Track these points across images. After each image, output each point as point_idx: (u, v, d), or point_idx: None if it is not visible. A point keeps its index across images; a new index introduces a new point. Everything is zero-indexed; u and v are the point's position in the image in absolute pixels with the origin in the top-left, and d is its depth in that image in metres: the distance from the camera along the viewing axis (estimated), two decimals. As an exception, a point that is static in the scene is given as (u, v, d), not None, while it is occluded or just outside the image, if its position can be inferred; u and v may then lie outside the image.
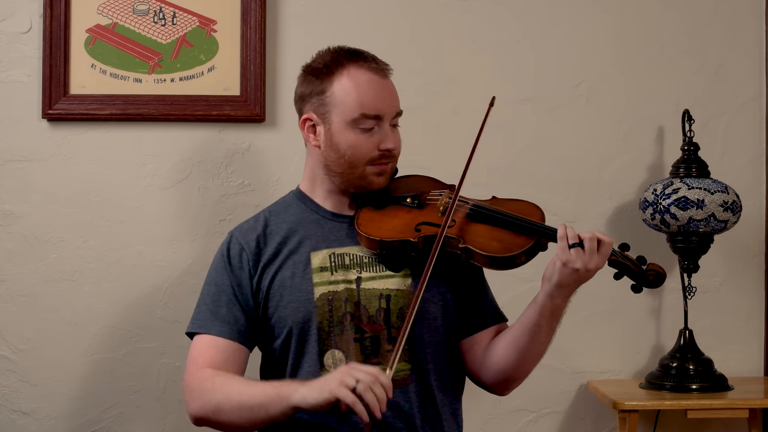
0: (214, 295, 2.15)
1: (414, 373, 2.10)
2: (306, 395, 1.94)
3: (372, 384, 1.89)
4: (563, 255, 2.00)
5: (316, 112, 2.13)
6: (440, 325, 2.14)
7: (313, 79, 2.14)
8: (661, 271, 2.08)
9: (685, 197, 2.74)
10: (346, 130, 2.11)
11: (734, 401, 2.74)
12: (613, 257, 2.05)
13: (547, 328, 2.06)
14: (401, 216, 2.14)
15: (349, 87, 2.10)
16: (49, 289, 2.88)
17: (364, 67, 2.12)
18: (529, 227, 2.08)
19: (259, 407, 2.00)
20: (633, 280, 2.08)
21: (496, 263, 2.06)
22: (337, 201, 2.18)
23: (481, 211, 2.12)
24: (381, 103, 2.11)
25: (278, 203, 2.24)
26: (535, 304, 2.06)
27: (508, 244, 2.06)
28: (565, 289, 2.03)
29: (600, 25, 2.98)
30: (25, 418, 2.87)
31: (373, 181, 2.14)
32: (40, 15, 2.86)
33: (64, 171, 2.88)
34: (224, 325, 2.12)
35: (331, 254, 2.13)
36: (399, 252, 2.09)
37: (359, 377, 1.90)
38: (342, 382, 1.90)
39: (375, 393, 1.89)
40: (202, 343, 2.13)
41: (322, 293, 2.10)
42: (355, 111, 2.09)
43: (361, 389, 1.88)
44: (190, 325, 2.16)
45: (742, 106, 2.99)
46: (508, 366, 2.12)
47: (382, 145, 2.11)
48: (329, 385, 1.91)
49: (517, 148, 2.95)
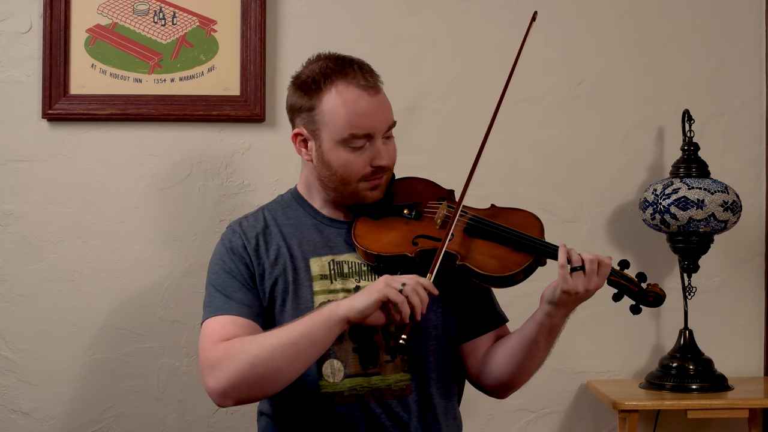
0: (225, 281, 2.09)
1: (414, 382, 2.10)
2: (352, 303, 1.94)
3: (416, 287, 1.93)
4: (564, 283, 1.99)
5: (306, 128, 2.11)
6: (441, 333, 2.13)
7: (302, 93, 2.10)
8: (661, 292, 2.08)
9: (685, 197, 2.74)
10: (336, 149, 2.07)
11: (734, 401, 2.74)
12: (612, 277, 2.04)
13: (545, 344, 2.08)
14: (398, 228, 2.11)
15: (337, 106, 2.06)
16: (49, 289, 2.88)
17: (353, 83, 2.07)
18: (528, 244, 2.06)
19: (303, 337, 1.94)
20: (632, 300, 2.08)
21: (493, 282, 2.05)
22: (334, 209, 2.17)
23: (479, 226, 2.10)
24: (371, 121, 2.07)
25: (276, 202, 2.22)
26: (533, 322, 2.06)
27: (507, 262, 2.04)
28: (564, 309, 2.04)
29: (600, 25, 2.98)
30: (25, 418, 2.87)
31: (368, 195, 2.12)
32: (40, 15, 2.86)
33: (64, 171, 2.88)
34: (242, 307, 2.06)
35: (331, 261, 2.12)
36: (396, 265, 2.07)
37: (404, 280, 1.93)
38: (388, 284, 1.92)
39: (419, 294, 1.92)
40: (219, 322, 2.04)
41: (321, 302, 2.08)
42: (344, 131, 2.06)
43: (408, 291, 1.92)
44: (205, 313, 2.09)
45: (742, 106, 2.99)
46: (506, 376, 2.13)
47: (374, 162, 2.08)
48: (376, 287, 1.93)
49: (517, 148, 2.95)
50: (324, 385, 2.07)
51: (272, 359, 1.93)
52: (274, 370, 1.94)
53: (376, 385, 2.06)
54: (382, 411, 2.07)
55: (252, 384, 1.96)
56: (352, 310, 1.93)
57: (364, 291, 1.95)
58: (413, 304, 1.91)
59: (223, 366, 1.95)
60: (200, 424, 2.89)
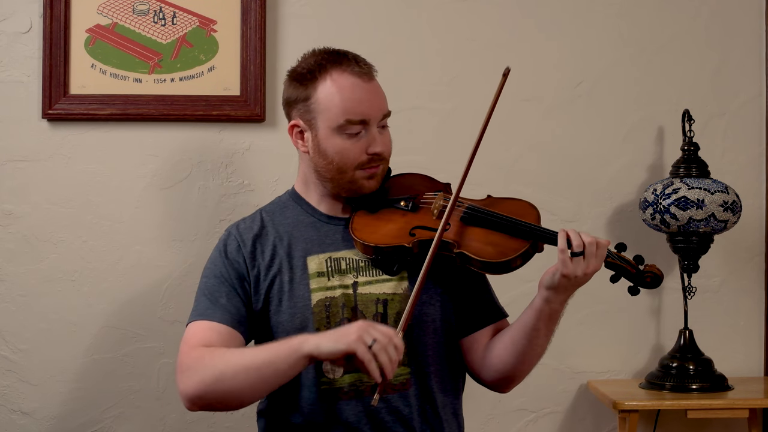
0: (212, 287, 2.12)
1: (414, 376, 2.10)
2: (320, 344, 1.93)
3: (387, 345, 1.90)
4: (564, 267, 1.99)
5: (302, 119, 2.12)
6: (439, 327, 2.13)
7: (297, 84, 2.12)
8: (658, 272, 2.08)
9: (685, 197, 2.74)
10: (332, 136, 2.09)
11: (734, 401, 2.74)
12: (609, 259, 2.05)
13: (545, 330, 2.07)
14: (396, 220, 2.12)
15: (332, 93, 2.08)
16: (49, 289, 2.88)
17: (347, 71, 2.09)
18: (524, 229, 2.06)
19: (267, 365, 1.95)
20: (630, 282, 2.08)
21: (491, 268, 2.05)
22: (331, 204, 2.17)
23: (475, 214, 2.10)
24: (366, 107, 2.08)
25: (274, 203, 2.23)
26: (532, 309, 2.06)
27: (504, 248, 2.05)
28: (563, 294, 2.04)
29: (600, 25, 2.98)
30: (25, 418, 2.87)
31: (364, 185, 2.12)
32: (40, 15, 2.86)
33: (64, 171, 2.88)
34: (225, 314, 2.08)
35: (328, 259, 2.12)
36: (394, 257, 2.08)
37: (376, 336, 1.90)
38: (360, 338, 1.90)
39: (389, 354, 1.90)
40: (199, 327, 2.08)
41: (319, 299, 2.09)
42: (339, 117, 2.07)
43: (377, 349, 1.89)
44: (190, 316, 2.13)
45: (742, 106, 2.99)
46: (507, 367, 2.12)
47: (370, 149, 2.09)
48: (347, 338, 1.91)
49: (517, 148, 2.95)
50: (323, 382, 2.07)
51: (235, 379, 1.97)
52: (236, 390, 1.98)
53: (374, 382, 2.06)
54: (383, 406, 2.06)
55: (215, 397, 1.99)
56: (317, 350, 1.93)
57: (336, 333, 1.94)
58: (381, 363, 1.89)
59: (192, 374, 2.00)
60: (200, 424, 2.89)
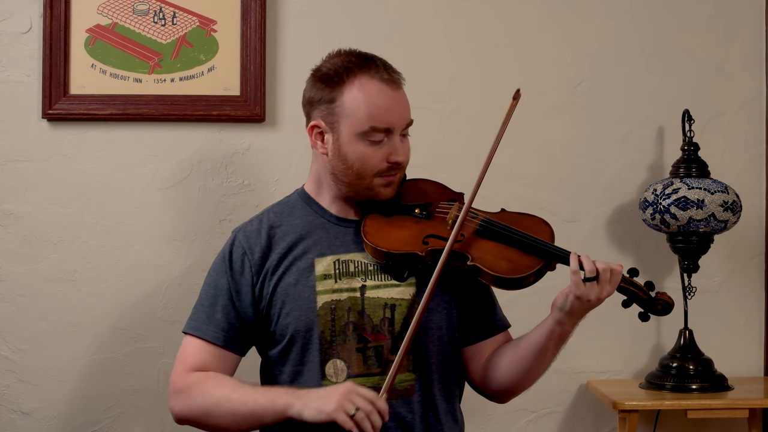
0: (212, 297, 2.14)
1: (418, 382, 2.10)
2: (302, 411, 1.96)
3: (370, 413, 1.92)
4: (577, 290, 2.00)
5: (324, 120, 2.09)
6: (445, 335, 2.13)
7: (322, 85, 2.09)
8: (670, 301, 2.09)
9: (685, 197, 2.74)
10: (354, 141, 2.07)
11: (734, 401, 2.74)
12: (622, 284, 2.05)
13: (553, 350, 2.09)
14: (409, 227, 2.11)
15: (359, 98, 2.06)
16: (49, 289, 2.88)
17: (376, 77, 2.07)
18: (539, 247, 2.06)
19: (252, 415, 2.02)
20: (641, 308, 2.09)
21: (503, 283, 2.05)
22: (343, 206, 2.15)
23: (491, 228, 2.09)
24: (391, 115, 2.07)
25: (282, 203, 2.21)
26: (543, 329, 2.07)
27: (517, 265, 2.04)
28: (575, 318, 2.04)
29: (600, 25, 2.98)
30: (25, 418, 2.87)
31: (381, 192, 2.11)
32: (40, 15, 2.86)
33: (64, 171, 2.88)
34: (219, 332, 2.11)
35: (336, 261, 2.11)
36: (406, 264, 2.07)
37: (358, 404, 1.92)
38: (341, 406, 1.92)
39: (372, 421, 1.92)
40: (195, 346, 2.13)
41: (324, 302, 2.08)
42: (364, 123, 2.06)
43: (359, 418, 1.91)
44: (187, 324, 2.15)
45: (742, 106, 2.99)
46: (511, 382, 2.13)
47: (391, 158, 2.08)
48: (327, 407, 1.93)
49: (517, 148, 2.95)
50: (327, 385, 2.06)
51: (222, 419, 2.04)
52: (221, 426, 2.06)
53: (380, 385, 2.04)
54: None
55: (202, 425, 2.09)
56: (299, 417, 1.97)
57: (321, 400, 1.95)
58: (364, 430, 1.92)
59: (183, 399, 2.08)
60: (200, 424, 2.89)
